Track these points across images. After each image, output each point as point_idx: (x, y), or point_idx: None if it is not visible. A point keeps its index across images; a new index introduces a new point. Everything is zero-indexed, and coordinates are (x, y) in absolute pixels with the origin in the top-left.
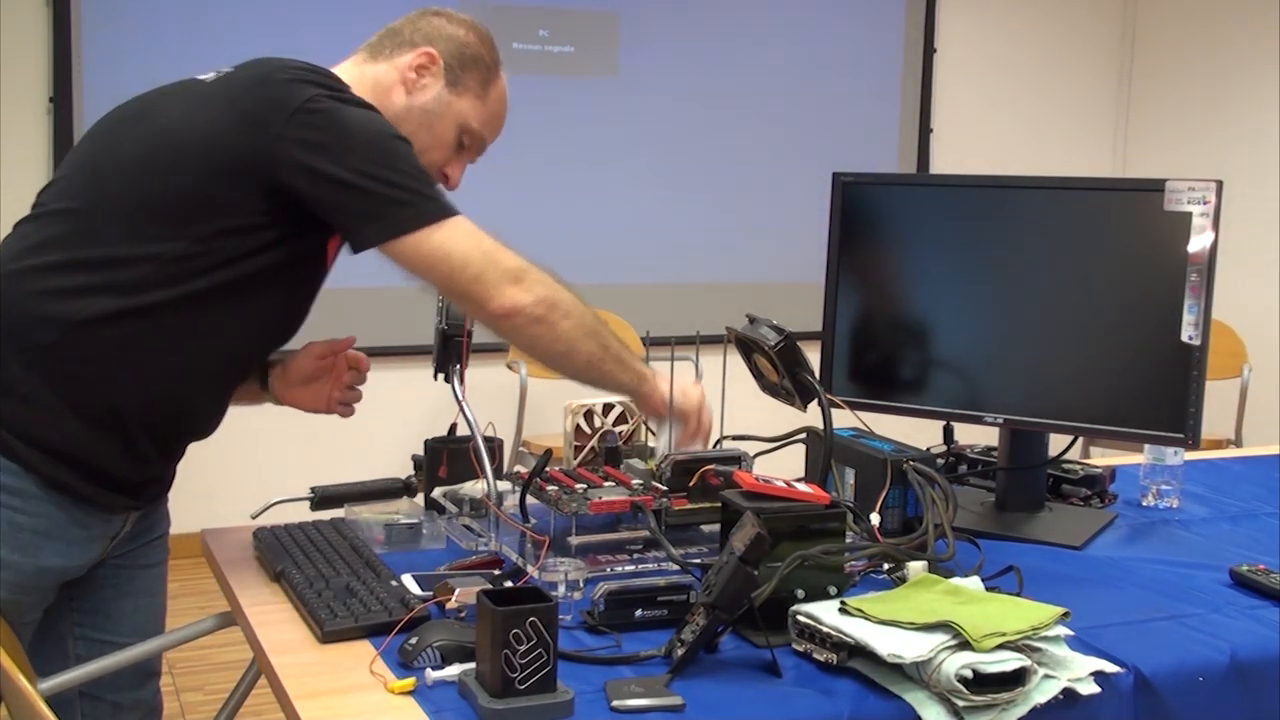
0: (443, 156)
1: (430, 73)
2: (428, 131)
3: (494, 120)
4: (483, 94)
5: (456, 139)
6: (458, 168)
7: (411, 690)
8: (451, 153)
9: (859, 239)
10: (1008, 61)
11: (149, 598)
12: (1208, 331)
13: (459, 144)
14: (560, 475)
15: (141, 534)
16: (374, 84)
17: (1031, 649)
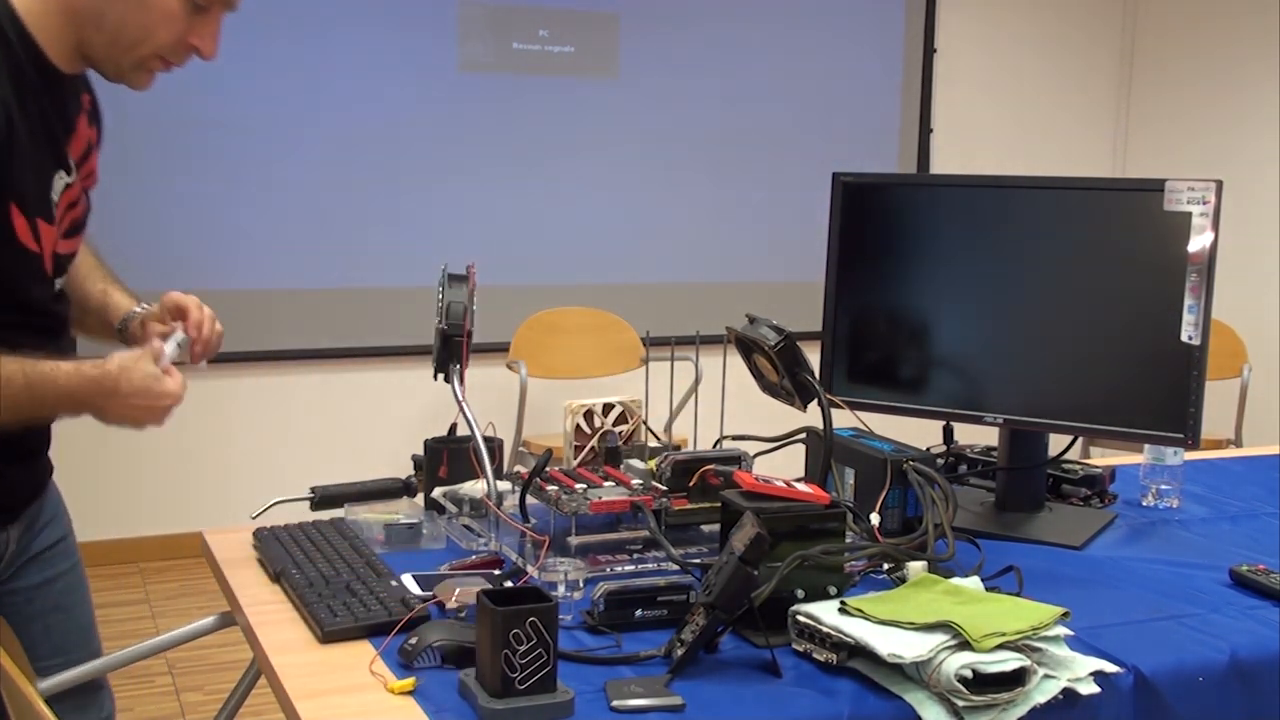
0: (174, 31)
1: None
2: (139, 9)
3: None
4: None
5: (182, 6)
6: (206, 35)
7: (411, 690)
8: (185, 23)
9: (859, 239)
10: (1008, 61)
11: (59, 613)
12: (1207, 331)
13: (192, 7)
14: (560, 475)
15: (28, 550)
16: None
17: (1031, 649)
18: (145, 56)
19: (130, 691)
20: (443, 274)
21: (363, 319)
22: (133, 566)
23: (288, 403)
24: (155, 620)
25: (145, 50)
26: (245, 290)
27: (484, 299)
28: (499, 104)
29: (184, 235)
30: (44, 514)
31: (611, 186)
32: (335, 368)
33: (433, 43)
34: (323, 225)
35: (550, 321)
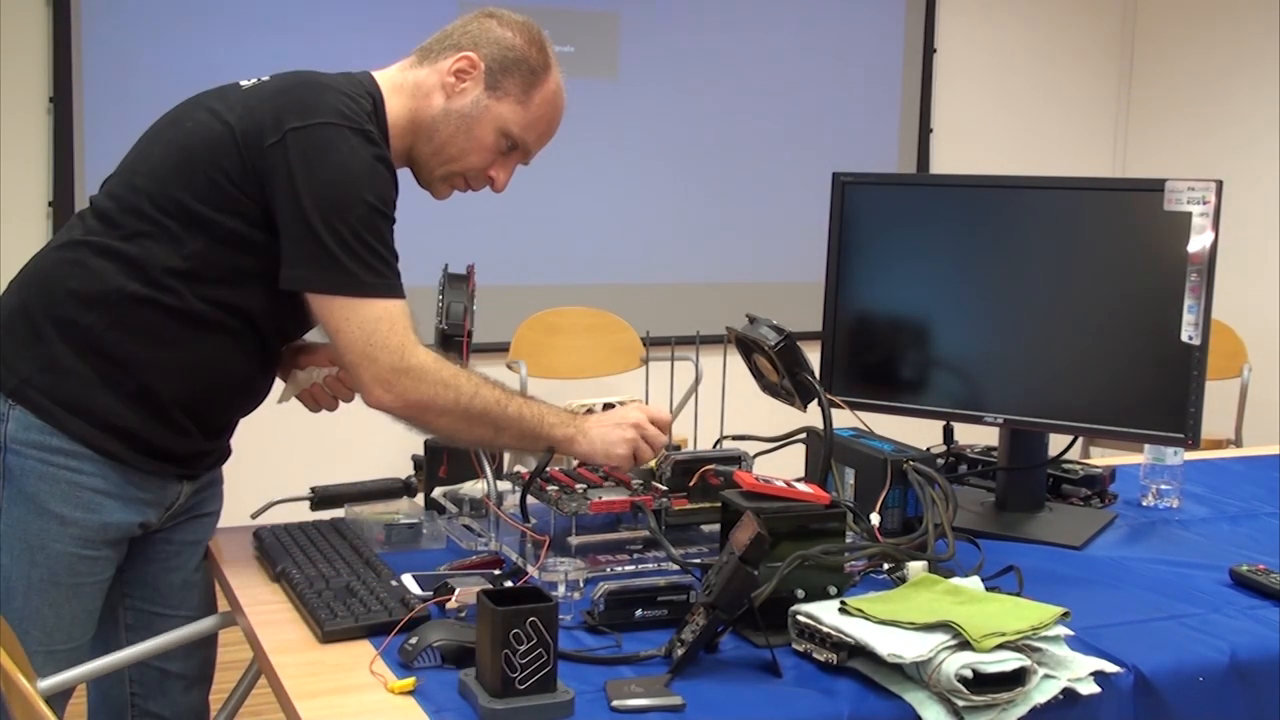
0: (482, 160)
1: (470, 77)
2: (465, 135)
3: (537, 124)
4: (524, 99)
5: (497, 143)
6: (503, 171)
7: (411, 690)
8: (493, 156)
9: (859, 239)
10: (1008, 61)
11: (197, 574)
12: (1208, 331)
13: (501, 148)
14: (560, 475)
15: (194, 507)
16: (414, 88)
17: (1031, 649)
18: (454, 173)
19: None
20: (443, 274)
21: None
22: None
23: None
24: None
25: (456, 168)
26: None
27: (484, 299)
28: None
29: None
30: (214, 484)
31: (611, 186)
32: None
33: None
34: None
35: (550, 321)
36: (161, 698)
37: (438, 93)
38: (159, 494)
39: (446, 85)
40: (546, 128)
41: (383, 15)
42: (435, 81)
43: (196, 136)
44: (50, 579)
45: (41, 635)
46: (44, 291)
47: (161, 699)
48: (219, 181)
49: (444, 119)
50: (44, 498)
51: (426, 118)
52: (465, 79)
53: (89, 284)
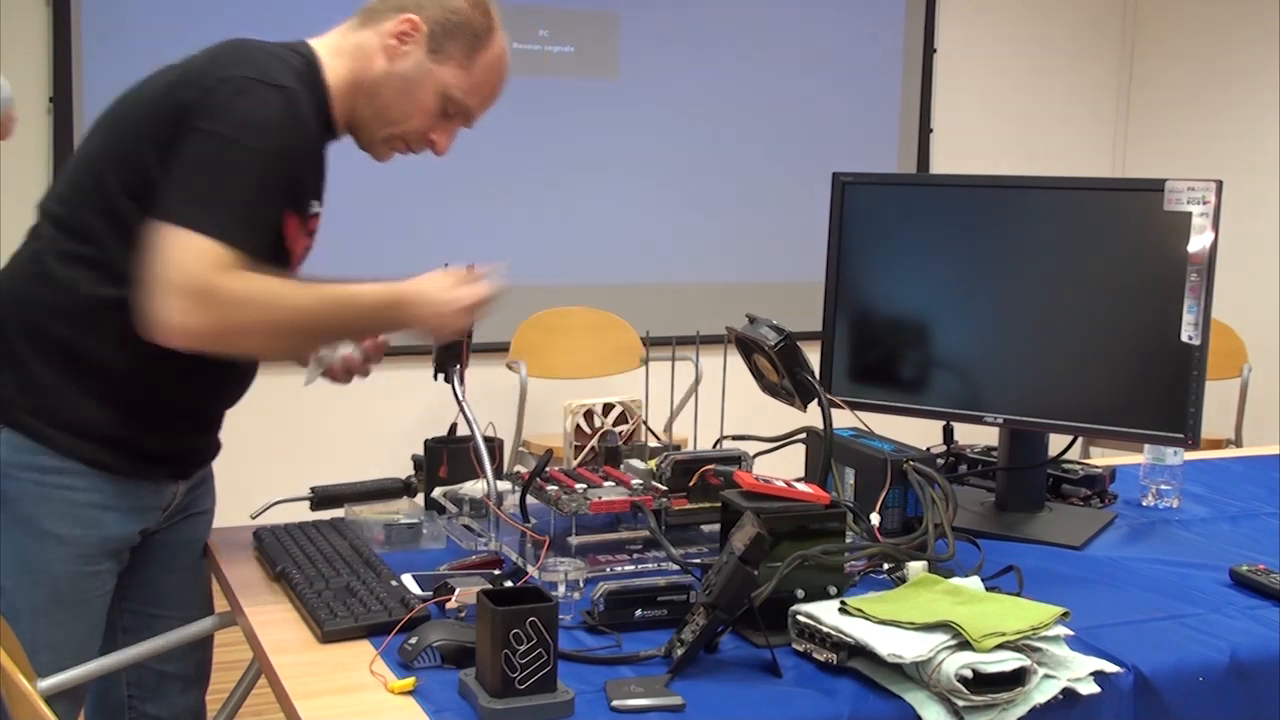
0: (423, 123)
1: (413, 40)
2: (407, 98)
3: (480, 89)
4: (467, 63)
5: (439, 106)
6: (444, 135)
7: (411, 690)
8: (434, 119)
9: (859, 239)
10: (1008, 62)
11: (193, 573)
12: (1207, 331)
13: (443, 111)
14: (560, 475)
15: (188, 506)
16: (356, 50)
17: (1031, 649)
18: (395, 135)
19: None
20: None
21: None
22: None
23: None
24: None
25: (397, 130)
26: None
27: None
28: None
29: None
30: (205, 482)
31: (611, 186)
32: None
33: None
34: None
35: (550, 321)
36: (159, 699)
37: (379, 55)
38: (155, 498)
39: (388, 48)
40: (490, 92)
41: None
42: (377, 44)
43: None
44: (54, 600)
45: (52, 655)
46: (13, 310)
47: (159, 700)
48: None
49: (385, 81)
50: (41, 518)
51: (368, 80)
52: (407, 41)
53: (59, 295)
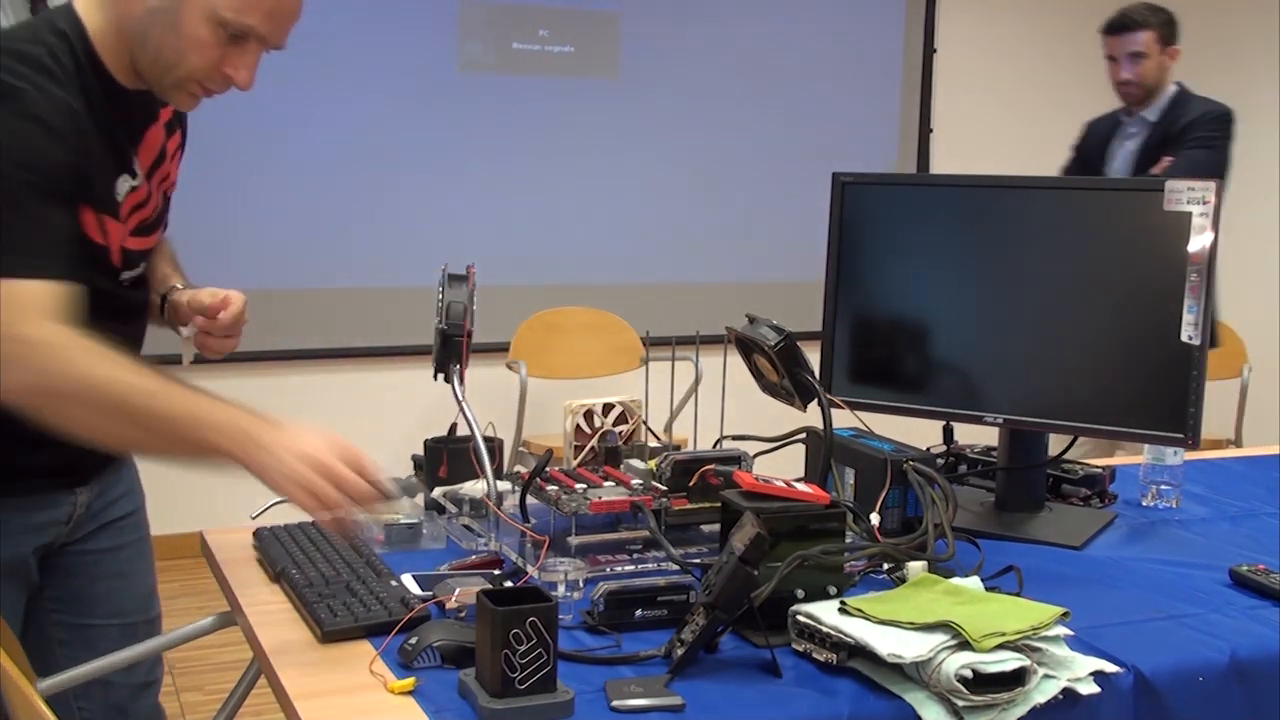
0: (204, 59)
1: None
2: (174, 34)
3: (254, 2)
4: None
5: (215, 35)
6: (241, 67)
7: (411, 690)
8: (217, 51)
9: (859, 239)
10: (1008, 61)
11: (121, 579)
12: (1207, 331)
13: (223, 39)
14: (560, 475)
15: (100, 514)
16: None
17: (1031, 649)
18: (181, 79)
19: None
20: (443, 274)
21: (362, 319)
22: None
23: (287, 403)
24: None
25: (180, 74)
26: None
27: (484, 299)
28: (499, 104)
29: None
30: (119, 486)
31: (611, 186)
32: (335, 368)
33: (432, 43)
34: (322, 225)
35: (550, 321)
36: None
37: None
38: (48, 513)
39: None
40: (274, 3)
41: (382, 14)
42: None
43: None
44: None
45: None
46: None
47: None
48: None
49: (148, 20)
50: None
51: (132, 25)
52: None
53: None
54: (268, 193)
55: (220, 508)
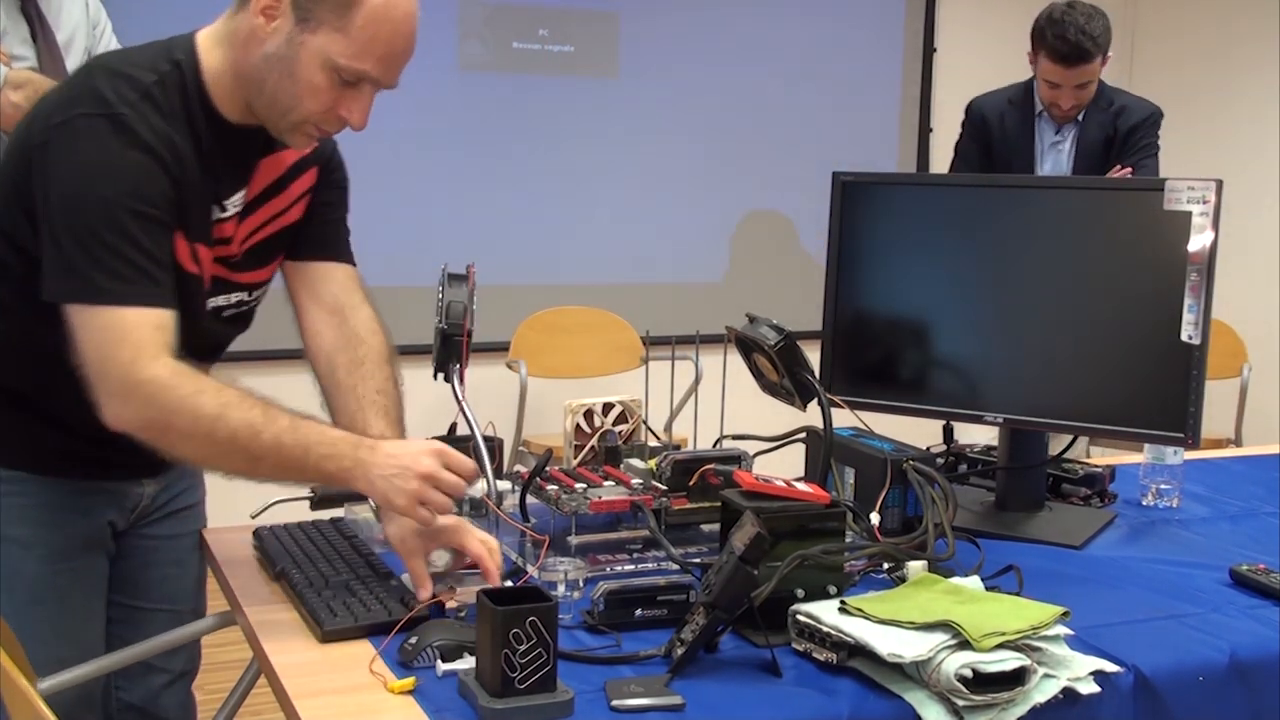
0: (320, 103)
1: (278, 13)
2: (290, 80)
3: (371, 47)
4: (343, 24)
5: (329, 80)
6: (354, 108)
7: (411, 690)
8: (331, 95)
9: (859, 239)
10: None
11: (176, 567)
12: (1207, 331)
13: (338, 84)
14: (560, 475)
15: (165, 505)
16: (232, 37)
17: (1031, 648)
18: (297, 122)
19: None
20: (442, 274)
21: None
22: None
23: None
24: None
25: (295, 117)
26: None
27: (484, 298)
28: (499, 103)
29: None
30: (184, 479)
31: (611, 186)
32: None
33: (432, 42)
34: None
35: (550, 321)
36: (143, 689)
37: (254, 39)
38: (117, 498)
39: (256, 29)
40: (386, 49)
41: None
42: (249, 27)
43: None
44: (31, 600)
45: (44, 650)
46: None
47: (143, 690)
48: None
49: (265, 66)
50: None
51: (248, 69)
52: (274, 17)
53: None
54: None
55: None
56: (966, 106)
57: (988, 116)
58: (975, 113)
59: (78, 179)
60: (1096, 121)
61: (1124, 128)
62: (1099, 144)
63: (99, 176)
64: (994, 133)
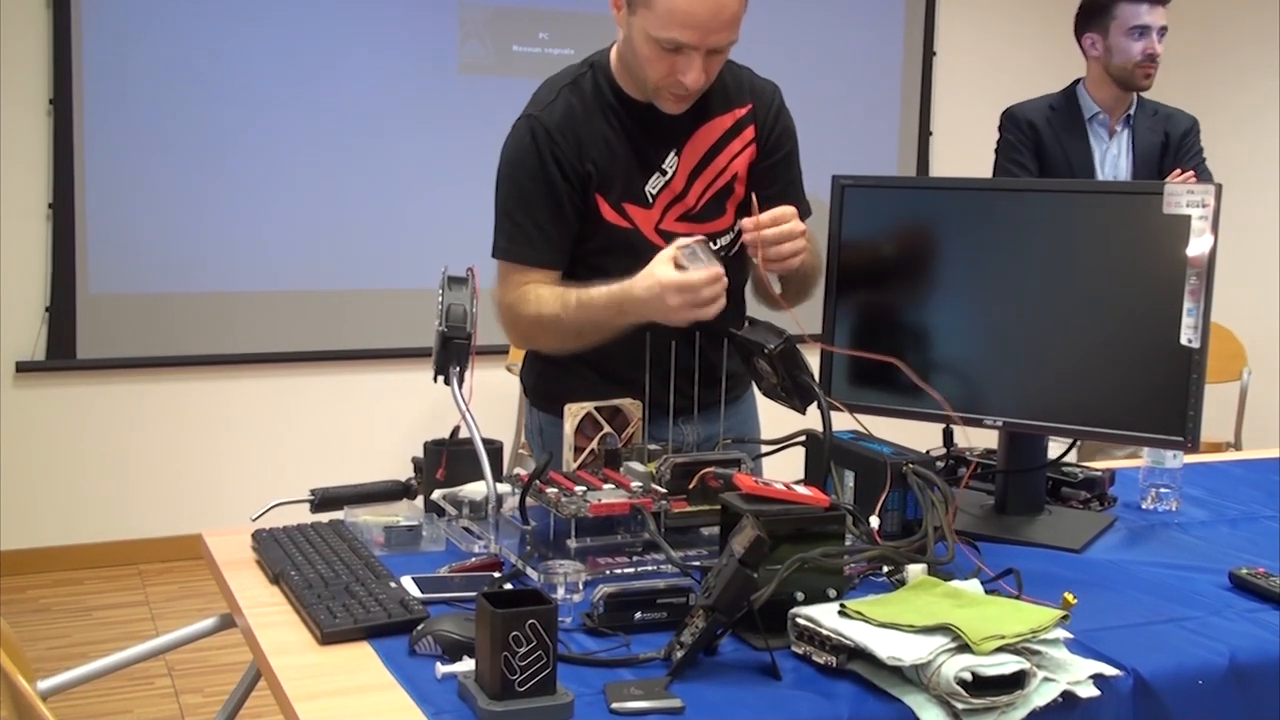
0: (658, 69)
1: (620, 5)
2: (635, 56)
3: (671, 17)
4: (649, 3)
5: (656, 51)
6: (686, 71)
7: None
8: (664, 62)
9: (858, 242)
10: (1007, 64)
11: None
12: (1207, 334)
13: (664, 51)
14: (559, 478)
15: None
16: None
17: (1031, 652)
18: (653, 89)
19: (130, 693)
20: (443, 276)
21: (363, 321)
22: (132, 568)
23: (288, 404)
24: (155, 622)
25: (650, 85)
26: (247, 292)
27: (485, 301)
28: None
29: (185, 237)
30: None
31: None
32: (336, 369)
33: (433, 45)
34: (323, 227)
35: None
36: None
37: (619, 30)
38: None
39: (617, 21)
40: (682, 17)
41: (382, 14)
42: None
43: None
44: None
45: None
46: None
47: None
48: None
49: (626, 49)
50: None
51: (625, 54)
52: (619, 8)
53: None
54: (268, 195)
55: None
56: (1007, 116)
57: (1036, 124)
58: (1023, 121)
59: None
60: (1146, 126)
61: (1175, 133)
62: (1155, 149)
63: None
64: (1046, 141)
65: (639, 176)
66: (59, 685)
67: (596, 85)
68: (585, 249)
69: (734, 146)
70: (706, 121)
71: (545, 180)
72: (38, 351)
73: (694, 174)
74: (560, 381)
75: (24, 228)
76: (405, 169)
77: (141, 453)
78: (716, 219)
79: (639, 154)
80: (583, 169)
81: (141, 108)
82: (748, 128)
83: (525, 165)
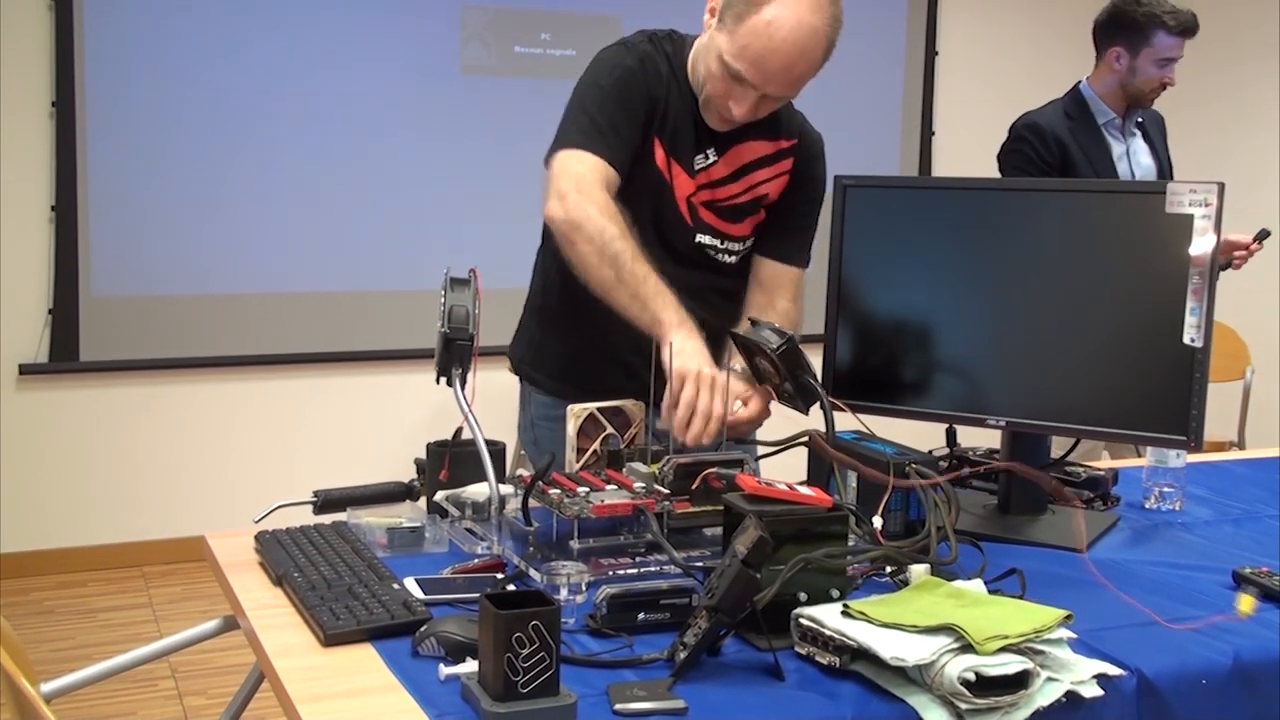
0: (715, 88)
1: (715, 12)
2: (703, 65)
3: (745, 53)
4: (735, 27)
5: (721, 71)
6: (738, 103)
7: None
8: (724, 85)
9: (860, 242)
10: (1009, 64)
11: None
12: (1210, 334)
13: (729, 76)
14: (562, 479)
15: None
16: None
17: (1034, 651)
18: (705, 99)
19: (133, 695)
20: (445, 278)
21: (366, 322)
22: (135, 570)
23: (291, 406)
24: (158, 624)
25: (704, 95)
26: (249, 294)
27: (487, 302)
28: (501, 107)
29: (188, 239)
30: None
31: None
32: (339, 371)
33: (435, 46)
34: (326, 228)
35: None
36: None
37: (704, 30)
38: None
39: (706, 23)
40: (756, 58)
41: (383, 15)
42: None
43: None
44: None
45: None
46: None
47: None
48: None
49: (700, 49)
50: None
51: (698, 53)
52: (714, 13)
53: None
54: (270, 196)
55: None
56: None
57: (1062, 138)
58: (1044, 131)
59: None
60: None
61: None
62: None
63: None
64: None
65: (691, 147)
66: (62, 687)
67: (670, 62)
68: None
69: (772, 170)
70: (754, 139)
71: (633, 94)
72: (40, 354)
73: (735, 174)
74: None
75: (27, 230)
76: (407, 170)
77: (144, 455)
78: (734, 224)
79: (697, 130)
80: (660, 107)
81: (144, 110)
82: (787, 159)
83: (617, 76)
